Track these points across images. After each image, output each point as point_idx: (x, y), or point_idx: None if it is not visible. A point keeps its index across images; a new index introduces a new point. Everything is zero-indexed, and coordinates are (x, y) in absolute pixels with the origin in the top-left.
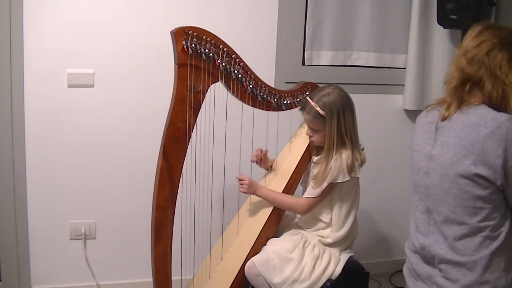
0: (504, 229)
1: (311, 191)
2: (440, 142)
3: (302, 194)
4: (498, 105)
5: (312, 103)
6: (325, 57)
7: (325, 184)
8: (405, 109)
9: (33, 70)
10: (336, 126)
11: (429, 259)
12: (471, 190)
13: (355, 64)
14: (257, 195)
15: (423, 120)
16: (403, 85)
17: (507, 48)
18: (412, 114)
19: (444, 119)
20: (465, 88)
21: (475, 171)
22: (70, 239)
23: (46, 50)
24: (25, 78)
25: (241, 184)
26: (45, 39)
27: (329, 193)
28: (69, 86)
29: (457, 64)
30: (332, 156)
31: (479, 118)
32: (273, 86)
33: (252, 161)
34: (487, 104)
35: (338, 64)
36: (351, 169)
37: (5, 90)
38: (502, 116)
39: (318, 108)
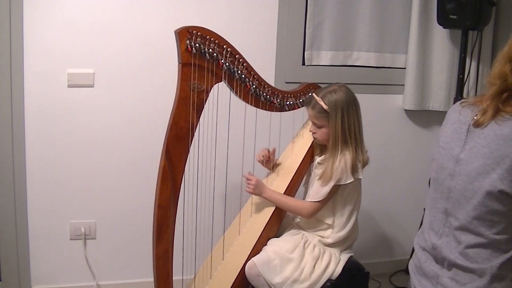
0: None
1: (316, 195)
2: (469, 147)
3: (304, 195)
4: None
5: (317, 98)
6: (325, 57)
7: (331, 185)
8: (405, 109)
9: (33, 70)
10: (341, 123)
11: (439, 259)
12: (492, 205)
13: (355, 64)
14: (263, 197)
15: (455, 117)
16: (403, 85)
17: None
18: (412, 114)
19: (477, 125)
20: (502, 96)
21: (501, 187)
22: (70, 239)
23: (46, 50)
24: (25, 78)
25: (248, 183)
26: (45, 39)
27: (333, 196)
28: (69, 86)
29: (500, 69)
30: (338, 153)
31: None
32: (273, 86)
33: (258, 161)
34: None
35: (338, 64)
36: (354, 170)
37: (5, 90)
38: None
39: (322, 103)
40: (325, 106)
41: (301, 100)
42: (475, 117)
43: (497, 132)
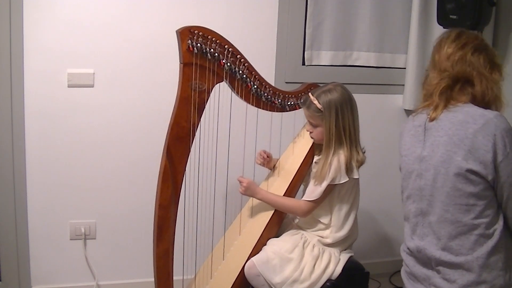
0: (498, 226)
1: (311, 194)
2: (430, 142)
3: (303, 194)
4: (487, 103)
5: (312, 97)
6: (325, 57)
7: (324, 184)
8: (405, 109)
9: (33, 70)
10: (335, 122)
11: (426, 261)
12: (463, 187)
13: (355, 64)
14: (256, 198)
15: (410, 125)
16: (403, 85)
17: (485, 51)
18: None
19: (432, 120)
20: (455, 87)
21: (467, 166)
22: (70, 239)
23: (46, 50)
24: (25, 78)
25: (240, 185)
26: (45, 39)
27: (329, 195)
28: (69, 86)
29: (440, 68)
30: (331, 152)
31: (467, 115)
32: (274, 86)
33: (258, 163)
34: (473, 102)
35: (338, 64)
36: (348, 169)
37: (5, 90)
38: (489, 113)
39: (316, 102)
40: (319, 106)
41: (302, 101)
42: (428, 115)
43: (453, 120)
